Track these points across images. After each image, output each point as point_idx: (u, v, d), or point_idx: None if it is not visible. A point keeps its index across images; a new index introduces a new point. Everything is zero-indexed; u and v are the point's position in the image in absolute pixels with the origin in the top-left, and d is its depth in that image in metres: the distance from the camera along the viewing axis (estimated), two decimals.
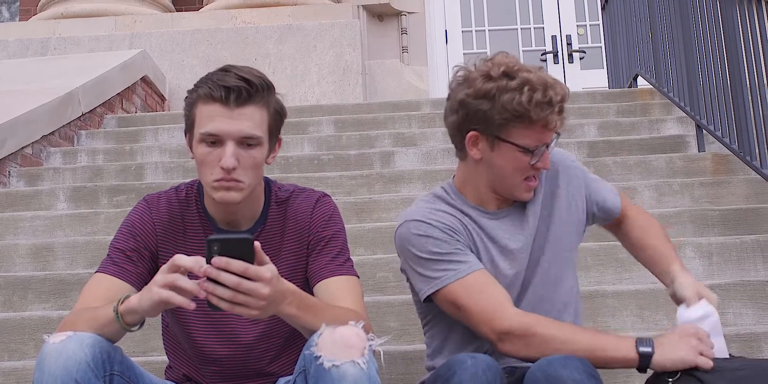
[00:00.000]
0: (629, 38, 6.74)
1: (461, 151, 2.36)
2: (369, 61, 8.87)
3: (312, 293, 2.20)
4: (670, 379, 2.25)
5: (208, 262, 1.81)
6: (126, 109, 7.21)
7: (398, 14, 9.36)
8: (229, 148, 2.11)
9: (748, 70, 4.16)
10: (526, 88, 2.18)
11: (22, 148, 5.60)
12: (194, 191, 2.33)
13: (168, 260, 1.89)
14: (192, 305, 1.85)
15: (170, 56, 8.37)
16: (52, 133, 5.98)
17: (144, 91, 7.65)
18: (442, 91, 9.12)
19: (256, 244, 1.84)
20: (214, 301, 1.82)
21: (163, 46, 8.39)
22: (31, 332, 3.28)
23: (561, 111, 2.22)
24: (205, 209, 2.29)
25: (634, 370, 2.79)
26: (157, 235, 2.28)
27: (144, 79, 7.66)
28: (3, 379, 2.88)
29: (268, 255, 1.90)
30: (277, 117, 2.21)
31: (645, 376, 2.63)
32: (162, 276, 1.86)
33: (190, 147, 2.21)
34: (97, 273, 2.23)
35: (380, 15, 9.35)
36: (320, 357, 1.90)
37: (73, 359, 1.88)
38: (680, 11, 5.24)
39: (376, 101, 7.44)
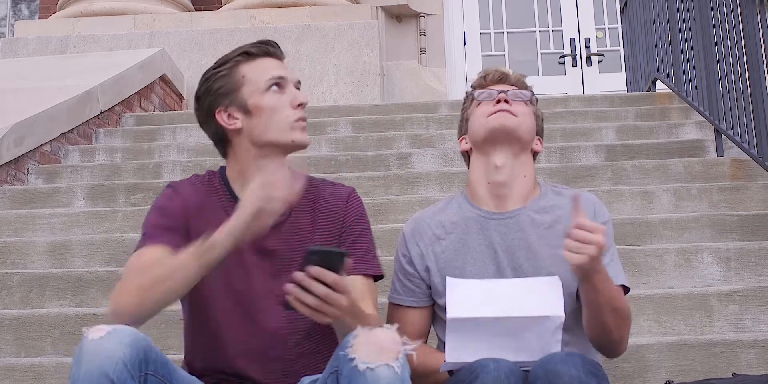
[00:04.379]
0: (648, 42, 6.72)
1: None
2: (387, 62, 8.87)
3: None
4: None
5: (302, 269, 1.91)
6: (144, 108, 7.23)
7: (417, 16, 9.35)
8: (294, 88, 2.32)
9: None
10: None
11: (41, 145, 5.62)
12: (217, 177, 2.37)
13: (199, 237, 2.00)
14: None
15: (189, 55, 8.38)
16: (70, 131, 6.00)
17: (162, 90, 7.67)
18: (459, 93, 9.11)
19: (348, 259, 1.97)
20: (296, 304, 1.94)
21: (182, 45, 8.41)
22: (48, 329, 3.28)
23: (488, 76, 2.56)
24: (232, 192, 2.33)
25: (650, 375, 2.79)
26: (187, 213, 2.30)
27: (162, 78, 7.68)
28: (20, 375, 2.90)
29: (298, 240, 2.06)
30: None
31: (661, 381, 2.64)
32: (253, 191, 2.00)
33: (228, 113, 2.31)
34: (137, 251, 2.24)
35: (399, 16, 9.35)
36: (354, 359, 1.92)
37: (111, 359, 1.89)
38: (700, 15, 5.22)
39: (394, 102, 7.43)
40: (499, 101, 2.45)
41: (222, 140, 2.38)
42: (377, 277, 2.38)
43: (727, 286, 3.42)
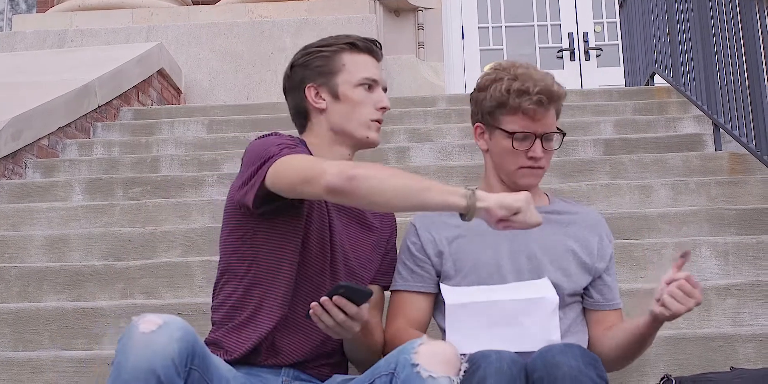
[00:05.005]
0: (646, 36, 6.72)
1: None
2: (385, 56, 8.81)
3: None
4: None
5: (330, 296, 2.10)
6: (142, 102, 7.22)
7: (415, 10, 9.34)
8: (381, 91, 2.50)
9: (766, 68, 4.14)
10: (507, 78, 2.40)
11: (39, 139, 5.61)
12: (303, 146, 2.45)
13: None
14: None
15: (187, 49, 8.37)
16: (68, 125, 6.00)
17: (160, 84, 7.66)
18: (457, 87, 9.11)
19: (371, 298, 2.16)
20: (315, 319, 2.14)
21: (179, 39, 8.40)
22: (45, 323, 3.28)
23: (541, 102, 2.43)
24: None
25: (648, 370, 2.79)
26: None
27: (160, 72, 7.67)
28: (18, 369, 2.89)
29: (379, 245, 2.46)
30: None
31: (658, 376, 2.64)
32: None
33: (317, 92, 2.44)
34: (281, 159, 2.24)
35: (397, 10, 9.34)
36: (418, 365, 1.96)
37: (161, 354, 1.89)
38: (698, 9, 5.21)
39: (392, 96, 7.37)
40: (533, 158, 2.47)
41: (301, 114, 2.49)
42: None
43: (725, 280, 3.42)
